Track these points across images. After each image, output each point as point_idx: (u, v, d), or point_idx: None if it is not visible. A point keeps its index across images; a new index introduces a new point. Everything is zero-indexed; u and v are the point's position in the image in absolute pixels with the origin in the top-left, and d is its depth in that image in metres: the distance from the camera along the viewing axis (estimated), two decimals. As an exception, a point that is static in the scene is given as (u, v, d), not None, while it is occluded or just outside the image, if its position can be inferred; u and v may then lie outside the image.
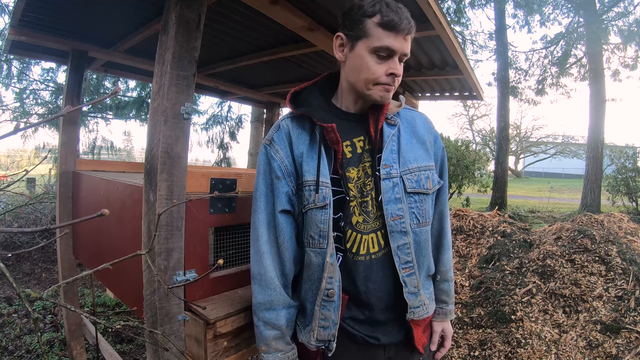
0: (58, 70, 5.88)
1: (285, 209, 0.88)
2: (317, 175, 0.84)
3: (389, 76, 0.83)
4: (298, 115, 0.92)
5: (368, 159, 0.89)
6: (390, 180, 0.87)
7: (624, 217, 4.24)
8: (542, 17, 11.24)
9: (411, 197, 0.88)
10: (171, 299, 1.04)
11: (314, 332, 0.87)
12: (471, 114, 29.27)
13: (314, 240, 0.85)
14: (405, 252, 0.86)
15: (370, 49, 0.81)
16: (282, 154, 0.89)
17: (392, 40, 0.80)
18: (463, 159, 8.21)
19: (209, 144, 7.13)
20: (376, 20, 0.79)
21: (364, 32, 0.81)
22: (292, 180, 0.89)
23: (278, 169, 0.88)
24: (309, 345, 0.89)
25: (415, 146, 0.92)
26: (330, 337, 0.86)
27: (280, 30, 1.69)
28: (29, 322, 2.81)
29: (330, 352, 0.86)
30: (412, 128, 0.95)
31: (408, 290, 0.85)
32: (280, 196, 0.88)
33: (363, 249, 0.86)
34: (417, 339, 0.89)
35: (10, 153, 12.56)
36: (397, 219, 0.85)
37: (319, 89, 0.95)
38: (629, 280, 2.63)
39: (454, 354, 2.40)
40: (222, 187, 1.25)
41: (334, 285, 0.84)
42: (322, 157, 0.85)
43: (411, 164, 0.90)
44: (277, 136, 0.91)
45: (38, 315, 2.86)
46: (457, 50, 1.76)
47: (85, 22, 1.74)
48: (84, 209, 1.87)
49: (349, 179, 0.87)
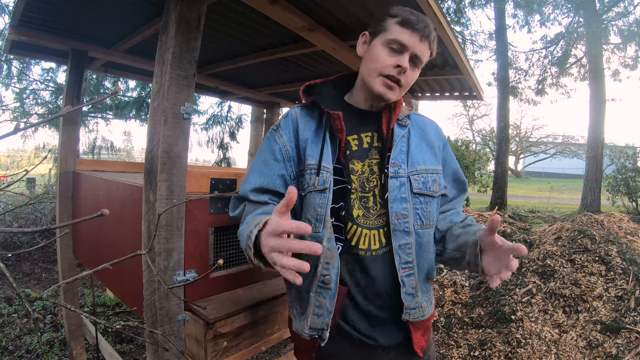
0: (58, 70, 5.88)
1: (276, 190, 0.89)
2: (320, 159, 0.85)
3: (395, 68, 0.84)
4: (308, 105, 0.94)
5: (376, 156, 0.90)
6: (397, 179, 0.87)
7: (624, 217, 4.24)
8: (542, 17, 11.25)
9: (417, 197, 0.89)
10: (171, 299, 1.04)
11: (307, 319, 0.86)
12: (471, 114, 29.30)
13: (310, 223, 0.84)
14: (407, 252, 0.86)
15: (384, 41, 0.85)
16: (285, 138, 0.91)
17: (406, 35, 0.83)
18: (463, 159, 8.22)
19: (209, 144, 7.13)
20: (397, 19, 0.84)
21: (383, 28, 0.86)
22: (292, 165, 0.90)
23: (279, 152, 0.90)
24: (302, 334, 0.88)
25: (424, 149, 0.94)
26: (324, 326, 0.85)
27: (280, 30, 1.69)
28: (29, 322, 2.81)
29: (323, 341, 0.85)
30: (422, 132, 0.97)
31: (406, 291, 0.85)
32: (274, 178, 0.88)
33: (364, 244, 0.86)
34: (415, 342, 0.88)
35: (10, 153, 12.56)
36: (401, 218, 0.86)
37: (333, 84, 0.98)
38: (629, 280, 2.63)
39: (454, 354, 2.40)
40: (222, 187, 1.25)
41: (330, 271, 0.83)
42: (326, 143, 0.87)
43: (419, 165, 0.91)
44: (284, 122, 0.93)
45: (38, 315, 2.87)
46: (457, 50, 1.76)
47: (85, 22, 1.74)
48: (84, 209, 1.88)
49: (352, 171, 0.88)
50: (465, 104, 27.31)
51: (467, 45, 12.13)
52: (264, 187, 0.88)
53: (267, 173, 0.89)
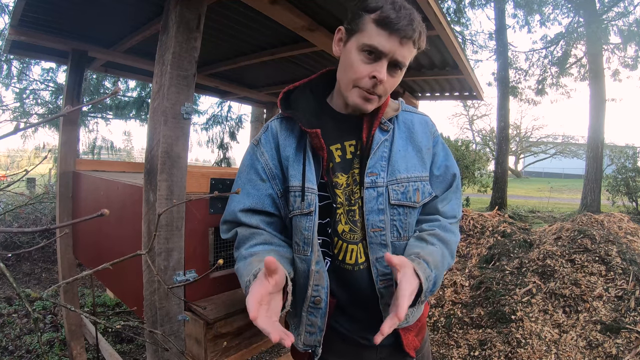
0: (58, 70, 5.89)
1: (266, 210, 0.85)
2: (303, 180, 0.80)
3: (371, 80, 0.75)
4: (287, 117, 0.87)
5: (357, 165, 0.84)
6: (374, 189, 0.82)
7: (624, 217, 4.23)
8: (542, 17, 11.26)
9: (395, 209, 0.83)
10: (171, 299, 1.04)
11: (301, 336, 0.86)
12: (471, 114, 29.29)
13: (299, 247, 0.83)
14: (384, 264, 0.81)
15: (359, 45, 0.75)
16: (267, 156, 0.86)
17: (383, 40, 0.72)
18: (463, 159, 8.22)
19: (209, 144, 7.13)
20: (374, 16, 0.73)
21: (358, 27, 0.75)
22: (277, 183, 0.85)
23: (262, 171, 0.86)
24: (297, 347, 0.88)
25: (410, 154, 0.87)
26: (316, 343, 0.84)
27: (280, 30, 1.69)
28: (29, 322, 2.81)
29: (317, 356, 0.85)
30: (409, 133, 0.89)
31: (385, 302, 0.82)
32: (262, 198, 0.85)
33: (350, 259, 0.83)
34: (406, 344, 0.88)
35: (10, 153, 12.56)
36: (377, 231, 0.82)
37: (312, 87, 0.89)
38: (629, 280, 2.63)
39: (454, 354, 2.40)
40: (222, 187, 1.25)
41: (320, 292, 0.81)
42: (308, 162, 0.81)
43: (400, 173, 0.84)
44: (265, 138, 0.88)
45: (38, 315, 2.87)
46: (457, 50, 1.76)
47: (85, 22, 1.74)
48: (84, 209, 1.88)
49: (337, 185, 0.83)
50: (465, 104, 27.33)
51: (467, 45, 12.14)
52: (253, 208, 0.85)
53: (255, 194, 0.85)
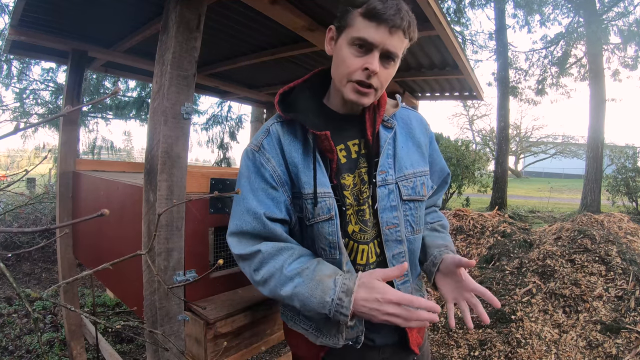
0: (58, 70, 5.89)
1: (283, 218, 0.83)
2: (315, 186, 0.79)
3: (364, 71, 0.74)
4: (288, 120, 0.85)
5: (364, 164, 0.85)
6: (386, 187, 0.83)
7: (624, 217, 4.24)
8: (542, 17, 11.26)
9: (407, 204, 0.85)
10: (171, 299, 1.04)
11: (342, 334, 0.82)
12: (471, 114, 29.31)
13: (325, 252, 0.82)
14: (400, 260, 0.84)
15: (349, 39, 0.75)
16: (274, 162, 0.82)
17: (372, 31, 0.71)
18: (463, 159, 8.22)
19: (209, 144, 7.14)
20: (361, 10, 0.72)
21: (347, 22, 0.75)
22: (286, 189, 0.83)
23: (271, 178, 0.82)
24: (335, 345, 0.84)
25: (411, 150, 0.89)
26: (359, 332, 0.83)
27: (280, 30, 1.69)
28: (29, 322, 2.81)
29: (359, 344, 0.83)
30: (408, 130, 0.90)
31: None
32: (279, 205, 0.82)
33: (361, 259, 0.84)
34: (412, 341, 0.89)
35: (10, 153, 12.56)
36: (392, 228, 0.83)
37: (309, 87, 0.88)
38: (629, 280, 2.63)
39: (454, 354, 2.40)
40: (222, 187, 1.25)
41: None
42: (319, 167, 0.80)
43: (407, 169, 0.86)
44: (267, 142, 0.84)
45: (38, 315, 2.86)
46: (457, 50, 1.76)
47: (85, 22, 1.74)
48: (84, 209, 1.88)
49: (345, 187, 0.83)
50: (465, 104, 27.34)
51: (467, 45, 12.14)
52: (271, 217, 0.81)
53: (268, 203, 0.81)
